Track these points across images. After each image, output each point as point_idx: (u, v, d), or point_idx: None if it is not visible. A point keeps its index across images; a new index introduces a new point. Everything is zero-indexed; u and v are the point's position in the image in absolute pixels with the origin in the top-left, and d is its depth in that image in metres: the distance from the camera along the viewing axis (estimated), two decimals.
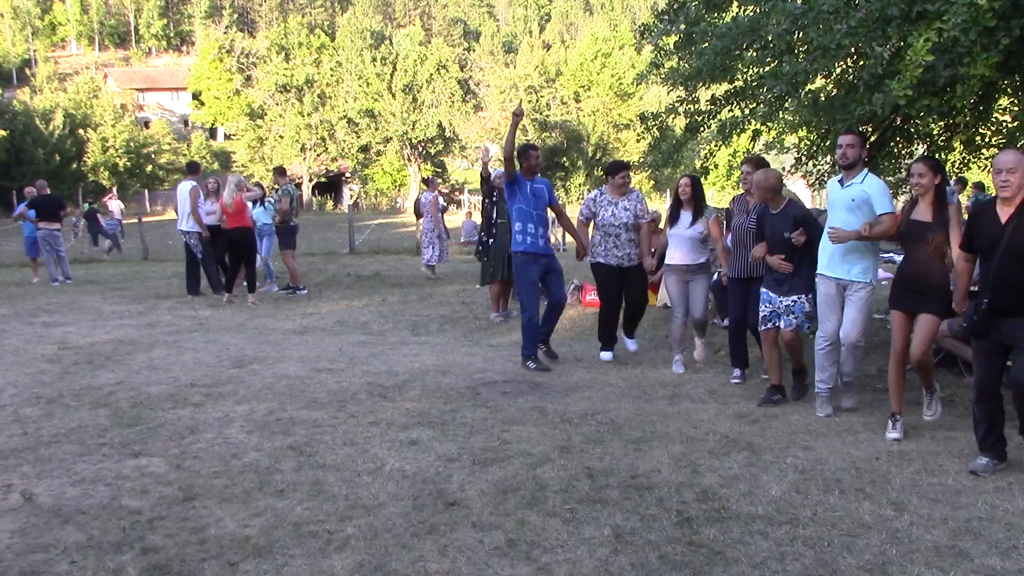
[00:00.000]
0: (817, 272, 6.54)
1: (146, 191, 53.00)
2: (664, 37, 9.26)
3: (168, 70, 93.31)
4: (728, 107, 8.97)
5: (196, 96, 78.10)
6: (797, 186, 13.37)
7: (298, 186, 55.93)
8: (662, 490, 4.81)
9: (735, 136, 9.03)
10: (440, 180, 57.83)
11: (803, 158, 10.21)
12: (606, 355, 8.54)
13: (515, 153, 8.16)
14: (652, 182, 45.07)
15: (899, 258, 6.44)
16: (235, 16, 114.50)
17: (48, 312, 11.90)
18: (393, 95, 52.38)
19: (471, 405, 6.71)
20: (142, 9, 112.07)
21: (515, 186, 8.15)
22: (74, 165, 52.21)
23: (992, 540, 4.15)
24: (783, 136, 11.24)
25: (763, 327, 6.91)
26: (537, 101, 58.17)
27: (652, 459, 5.35)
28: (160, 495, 4.78)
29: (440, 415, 6.40)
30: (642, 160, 10.50)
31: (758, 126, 8.91)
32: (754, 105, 8.81)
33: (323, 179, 59.66)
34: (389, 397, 6.99)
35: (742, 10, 8.73)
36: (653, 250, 8.69)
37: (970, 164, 9.98)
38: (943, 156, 9.79)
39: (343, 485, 4.93)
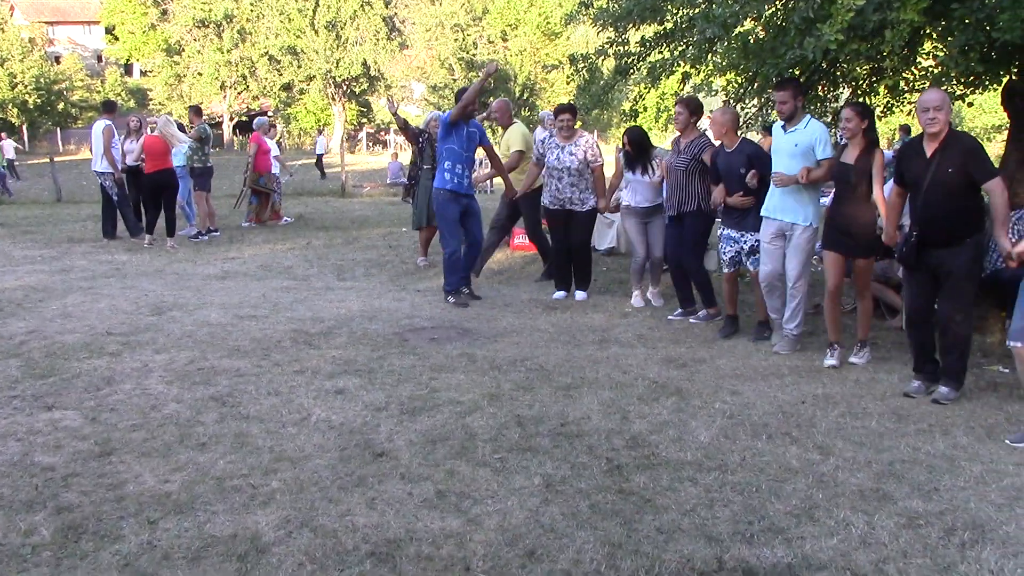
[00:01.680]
0: (761, 214, 6.78)
1: (58, 129, 51.05)
2: None
3: (79, 3, 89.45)
4: (657, 49, 8.87)
5: (110, 31, 75.00)
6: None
7: (218, 124, 54.85)
8: (592, 437, 4.79)
9: (664, 79, 8.96)
10: (366, 120, 57.07)
11: (731, 101, 10.18)
12: (558, 294, 8.83)
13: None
14: (579, 123, 45.04)
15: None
16: None
17: None
18: (316, 32, 51.07)
19: (399, 352, 6.61)
20: None
21: (454, 128, 8.30)
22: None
23: (915, 483, 4.22)
24: (711, 79, 11.18)
25: (727, 270, 7.31)
26: (463, 40, 57.28)
27: (582, 406, 5.33)
28: (75, 450, 4.61)
29: (367, 363, 6.28)
30: (571, 102, 10.37)
31: (687, 68, 8.83)
32: (683, 47, 8.71)
33: (244, 118, 58.12)
34: (315, 345, 6.84)
35: None
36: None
37: (894, 108, 10.07)
38: (869, 100, 9.86)
39: (267, 437, 4.81)
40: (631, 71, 9.16)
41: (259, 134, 14.78)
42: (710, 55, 9.08)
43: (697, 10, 7.85)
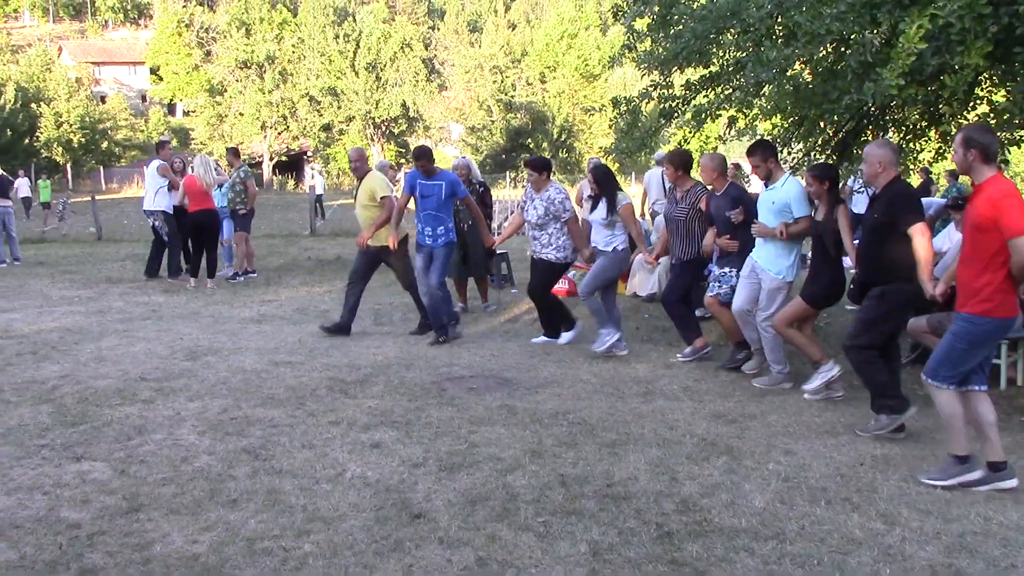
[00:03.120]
0: (751, 255, 7.19)
1: (102, 168, 51.82)
2: (637, 18, 8.96)
3: (125, 44, 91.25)
4: (703, 92, 8.71)
5: (154, 71, 76.47)
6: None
7: (258, 164, 55.42)
8: (640, 500, 4.55)
9: (708, 122, 8.79)
10: (403, 160, 57.41)
11: (777, 144, 9.97)
12: (563, 337, 8.79)
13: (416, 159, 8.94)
14: (617, 164, 44.78)
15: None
16: None
17: None
18: (356, 73, 51.66)
19: (437, 403, 6.41)
20: None
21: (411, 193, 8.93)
22: (26, 141, 50.75)
23: (989, 557, 3.94)
24: (756, 123, 10.99)
25: (709, 294, 7.77)
26: (502, 82, 57.67)
27: (628, 465, 5.09)
28: (102, 505, 4.45)
29: (404, 414, 6.09)
30: (614, 146, 10.24)
31: (733, 112, 8.64)
32: (729, 91, 8.55)
33: (284, 158, 58.79)
34: (351, 394, 6.67)
35: None
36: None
37: (945, 154, 9.81)
38: (918, 146, 9.61)
39: (301, 494, 4.62)
40: (675, 114, 9.00)
41: None
42: (756, 99, 8.92)
43: (744, 53, 7.69)
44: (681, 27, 8.06)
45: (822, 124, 9.34)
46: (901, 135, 9.53)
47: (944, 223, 10.76)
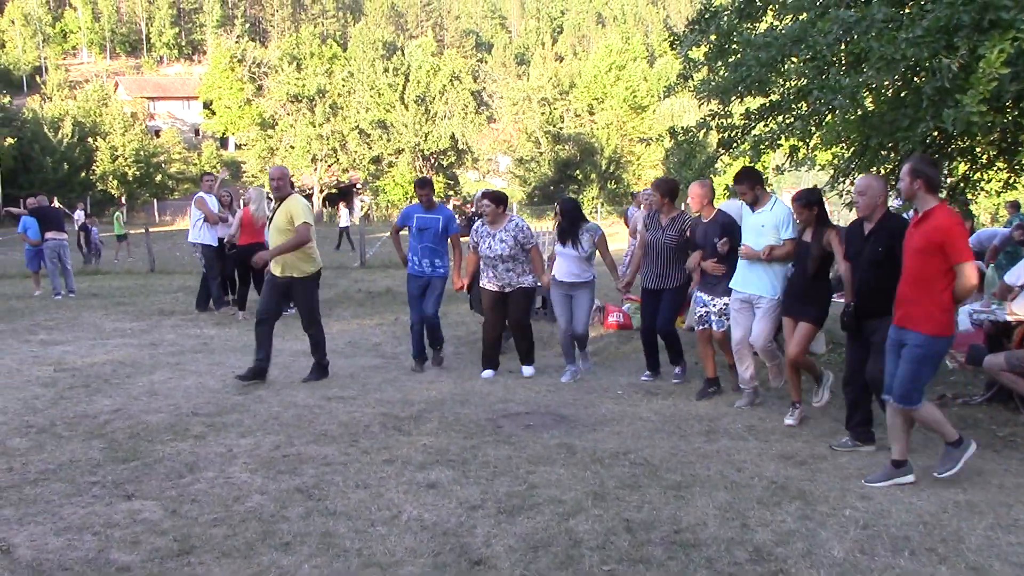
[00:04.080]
0: (730, 285, 7.36)
1: (155, 201, 52.64)
2: (694, 47, 8.80)
3: (179, 79, 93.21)
4: (764, 121, 8.51)
5: (207, 105, 77.89)
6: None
7: (309, 197, 55.91)
8: (711, 548, 4.31)
9: (767, 152, 8.59)
10: (452, 192, 57.64)
11: (839, 175, 9.72)
12: (486, 374, 8.73)
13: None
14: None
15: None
16: (247, 25, 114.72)
17: (47, 329, 11.45)
18: (406, 106, 52.07)
19: (493, 441, 6.22)
20: (154, 18, 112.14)
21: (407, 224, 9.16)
22: (83, 174, 51.79)
23: None
24: (815, 153, 10.73)
25: (699, 327, 7.83)
26: (550, 113, 57.76)
27: (696, 509, 4.85)
28: (152, 547, 4.32)
29: (460, 452, 5.91)
30: (673, 176, 10.07)
31: (795, 142, 8.43)
32: (791, 119, 8.34)
33: (334, 190, 59.32)
34: (404, 430, 6.51)
35: (779, 20, 8.28)
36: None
37: (1016, 184, 9.50)
38: (985, 176, 9.31)
39: (355, 537, 4.45)
40: (733, 144, 8.81)
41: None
42: (820, 128, 8.70)
43: (808, 81, 7.49)
44: (740, 55, 7.88)
45: (884, 153, 9.09)
46: (968, 165, 9.25)
47: (1010, 255, 10.40)
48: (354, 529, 4.56)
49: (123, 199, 50.17)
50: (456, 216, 9.75)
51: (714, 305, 7.66)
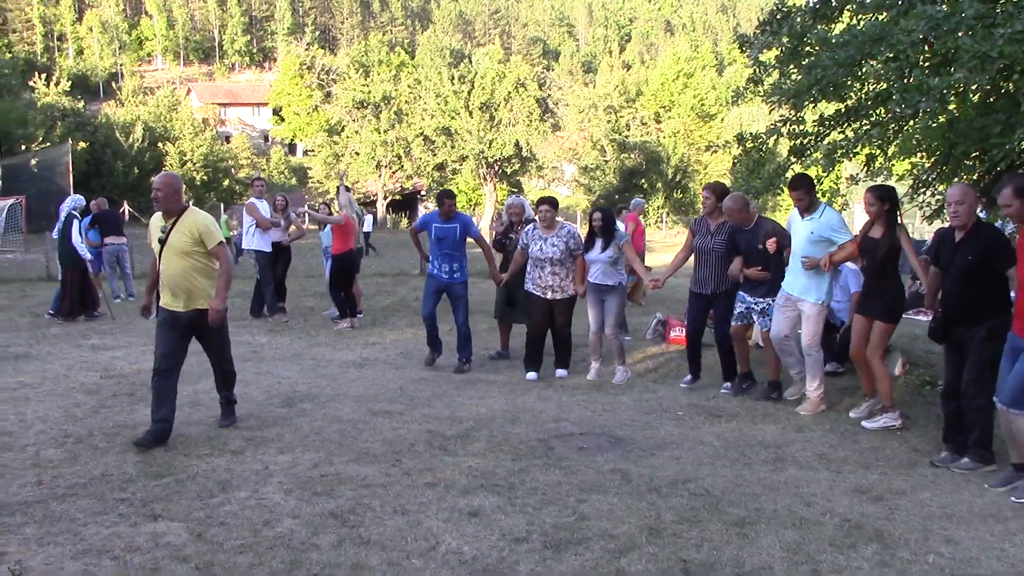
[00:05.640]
0: (782, 286, 7.54)
1: (222, 205, 53.26)
2: (765, 50, 8.34)
3: (250, 86, 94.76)
4: (838, 128, 8.02)
5: (277, 112, 78.98)
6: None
7: (373, 203, 56.13)
8: None
9: (842, 161, 8.10)
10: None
11: (919, 186, 9.18)
12: (530, 375, 8.92)
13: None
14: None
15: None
16: (317, 33, 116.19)
17: (100, 334, 11.36)
18: (470, 113, 51.85)
19: (543, 464, 5.85)
20: (226, 25, 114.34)
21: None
22: (152, 178, 52.55)
23: None
24: (892, 163, 10.15)
25: (736, 322, 8.01)
26: (616, 121, 57.21)
27: (761, 550, 4.42)
28: None
29: (507, 476, 5.55)
30: (738, 184, 9.64)
31: (873, 150, 7.94)
32: (868, 126, 7.84)
33: (398, 197, 59.44)
34: (450, 450, 6.17)
35: (857, 20, 7.79)
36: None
37: None
38: None
39: (389, 570, 4.12)
40: (806, 152, 8.32)
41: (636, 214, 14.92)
42: (900, 135, 8.20)
43: (888, 85, 7.00)
44: (815, 57, 7.41)
45: (968, 162, 8.54)
46: None
47: None
48: (387, 561, 4.23)
49: (222, 204, 50.78)
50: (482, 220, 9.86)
51: (756, 304, 7.89)
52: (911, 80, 5.94)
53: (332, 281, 12.18)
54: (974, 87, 6.55)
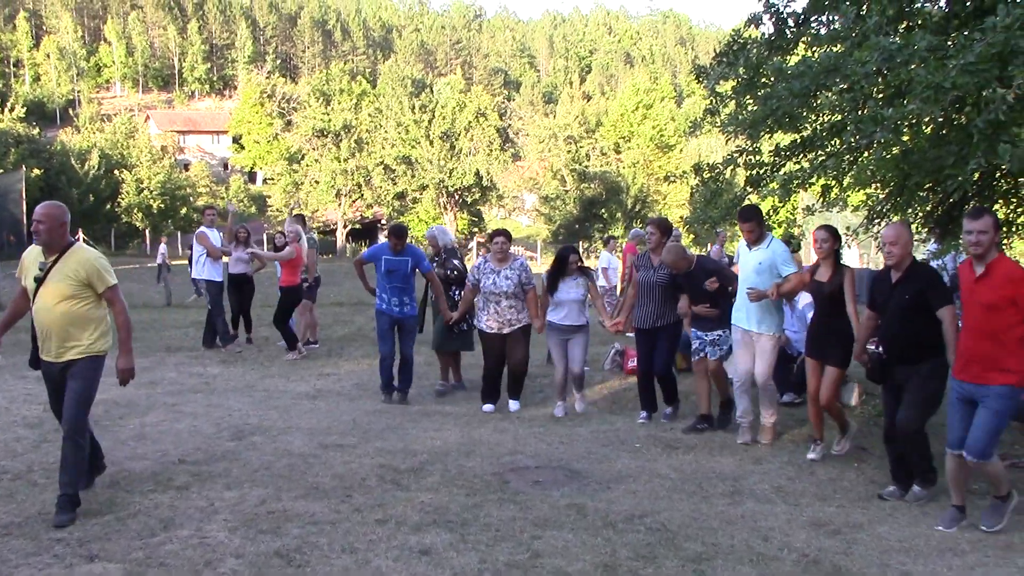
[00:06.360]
0: (732, 322, 7.49)
1: (179, 234, 52.74)
2: (722, 81, 8.36)
3: (210, 113, 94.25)
4: (794, 159, 8.03)
5: (236, 140, 78.51)
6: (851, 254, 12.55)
7: (332, 232, 55.88)
8: None
9: (797, 192, 8.11)
10: (477, 229, 57.39)
11: (873, 216, 9.21)
12: (487, 407, 8.79)
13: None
14: (692, 236, 43.97)
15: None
16: (278, 62, 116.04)
17: None
18: (431, 142, 51.95)
19: (497, 499, 5.73)
20: (186, 53, 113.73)
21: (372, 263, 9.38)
22: (108, 206, 51.90)
23: None
24: (847, 194, 10.19)
25: (694, 358, 8.00)
26: (576, 151, 57.51)
27: None
28: None
29: (460, 512, 5.42)
30: (695, 215, 9.63)
31: (828, 181, 7.95)
32: (823, 157, 7.86)
33: (357, 226, 59.24)
34: (403, 485, 6.02)
35: (812, 52, 7.83)
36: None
37: None
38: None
39: None
40: (762, 183, 8.32)
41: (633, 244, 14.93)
42: (851, 167, 8.22)
43: (842, 116, 7.02)
44: (770, 88, 7.43)
45: (922, 194, 8.58)
46: (1011, 207, 8.72)
47: None
48: None
49: (147, 232, 50.18)
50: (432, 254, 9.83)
51: (708, 336, 7.80)
52: (865, 111, 5.94)
53: (277, 312, 11.97)
54: (927, 118, 6.57)
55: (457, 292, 9.65)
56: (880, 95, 6.42)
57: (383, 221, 58.32)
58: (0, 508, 5.42)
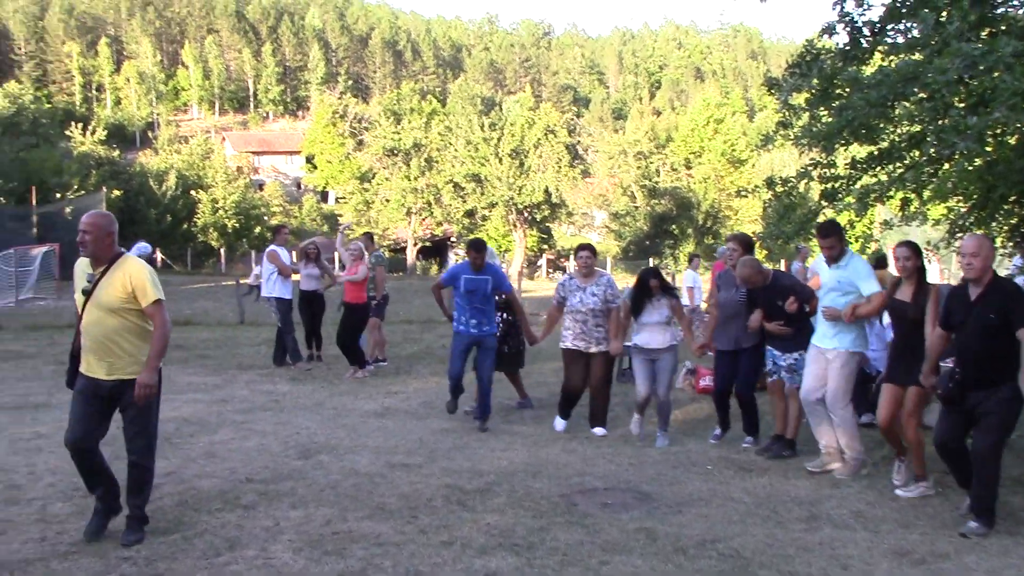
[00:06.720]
0: (812, 341, 7.14)
1: (253, 252, 53.68)
2: (795, 93, 8.18)
3: (283, 134, 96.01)
4: (871, 171, 7.81)
5: (309, 160, 79.74)
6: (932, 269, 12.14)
7: (403, 249, 56.26)
8: None
9: (875, 205, 7.89)
10: (547, 246, 57.30)
11: (955, 231, 8.91)
12: (559, 424, 8.64)
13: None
14: (765, 251, 43.31)
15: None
16: (350, 82, 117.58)
17: None
18: (500, 160, 52.06)
19: (565, 522, 5.60)
20: (261, 75, 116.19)
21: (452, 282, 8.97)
22: (185, 225, 53.20)
23: None
24: (927, 207, 9.88)
25: (770, 379, 7.72)
26: (646, 167, 57.18)
27: None
28: None
29: (527, 535, 5.31)
30: (768, 231, 9.43)
31: (907, 194, 7.71)
32: (902, 169, 7.62)
33: (427, 243, 59.62)
34: (469, 506, 5.93)
35: (888, 61, 7.61)
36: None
37: None
38: None
39: None
40: (838, 196, 8.10)
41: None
42: (931, 179, 7.96)
43: (921, 127, 6.79)
44: (846, 98, 7.23)
45: (1007, 207, 8.28)
46: None
47: None
48: None
49: (222, 251, 51.11)
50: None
51: (784, 360, 7.54)
52: (947, 121, 5.73)
53: (341, 331, 12.00)
54: (1013, 127, 6.34)
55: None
56: (962, 104, 6.20)
57: (453, 239, 58.62)
58: (71, 525, 5.45)
